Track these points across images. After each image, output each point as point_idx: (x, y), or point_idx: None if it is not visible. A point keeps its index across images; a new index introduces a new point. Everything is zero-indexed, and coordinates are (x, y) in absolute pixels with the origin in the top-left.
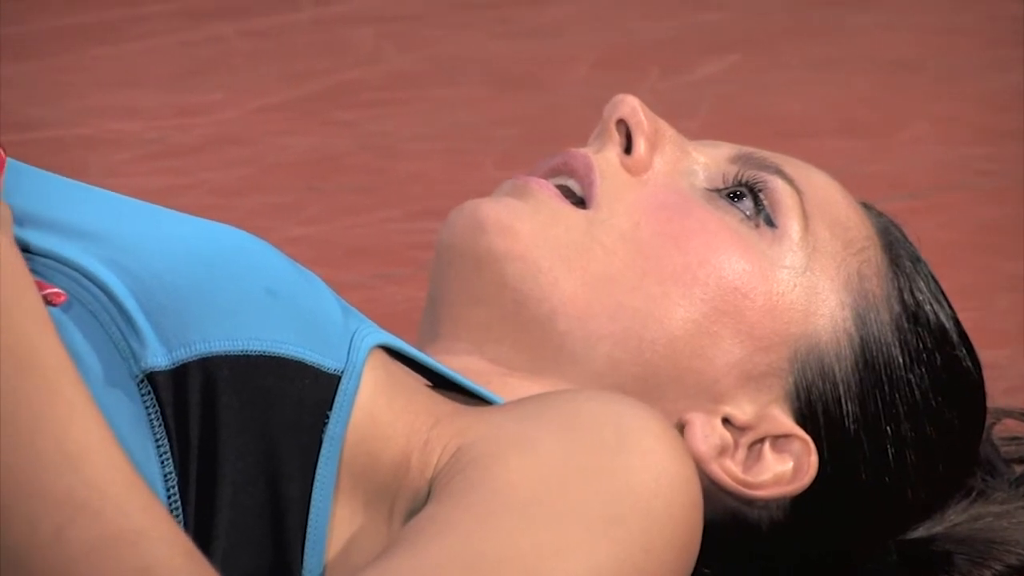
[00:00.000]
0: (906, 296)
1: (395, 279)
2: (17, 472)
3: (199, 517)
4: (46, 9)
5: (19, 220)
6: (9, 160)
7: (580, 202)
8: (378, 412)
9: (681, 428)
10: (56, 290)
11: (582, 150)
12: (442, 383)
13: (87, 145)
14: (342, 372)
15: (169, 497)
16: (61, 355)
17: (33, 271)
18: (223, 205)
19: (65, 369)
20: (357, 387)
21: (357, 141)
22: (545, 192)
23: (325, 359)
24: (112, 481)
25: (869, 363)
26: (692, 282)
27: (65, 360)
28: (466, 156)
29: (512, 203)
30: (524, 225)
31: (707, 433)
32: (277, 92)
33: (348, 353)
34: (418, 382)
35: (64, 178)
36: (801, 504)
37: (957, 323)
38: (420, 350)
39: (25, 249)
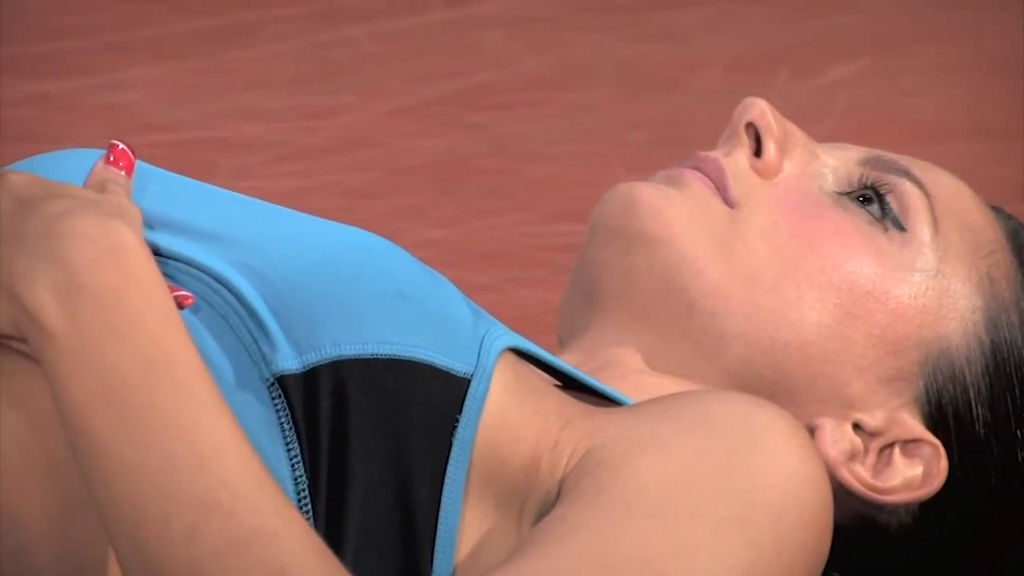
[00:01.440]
0: None
1: (527, 282)
2: (150, 473)
3: (329, 520)
4: (180, 12)
5: (149, 223)
6: (139, 163)
7: None
8: (508, 414)
9: (810, 432)
10: (185, 293)
11: (712, 153)
12: (571, 383)
13: (218, 147)
14: (472, 375)
15: (299, 500)
16: (193, 357)
17: (163, 274)
18: (353, 208)
19: (197, 371)
20: (487, 390)
21: (488, 144)
22: (699, 184)
23: (455, 362)
24: (244, 482)
25: (1000, 366)
26: (826, 286)
27: (197, 362)
28: (597, 159)
29: (666, 189)
30: (675, 212)
31: (837, 438)
32: (407, 95)
33: (478, 356)
34: (548, 384)
35: (193, 180)
36: (930, 508)
37: None
38: (559, 341)
39: (155, 251)
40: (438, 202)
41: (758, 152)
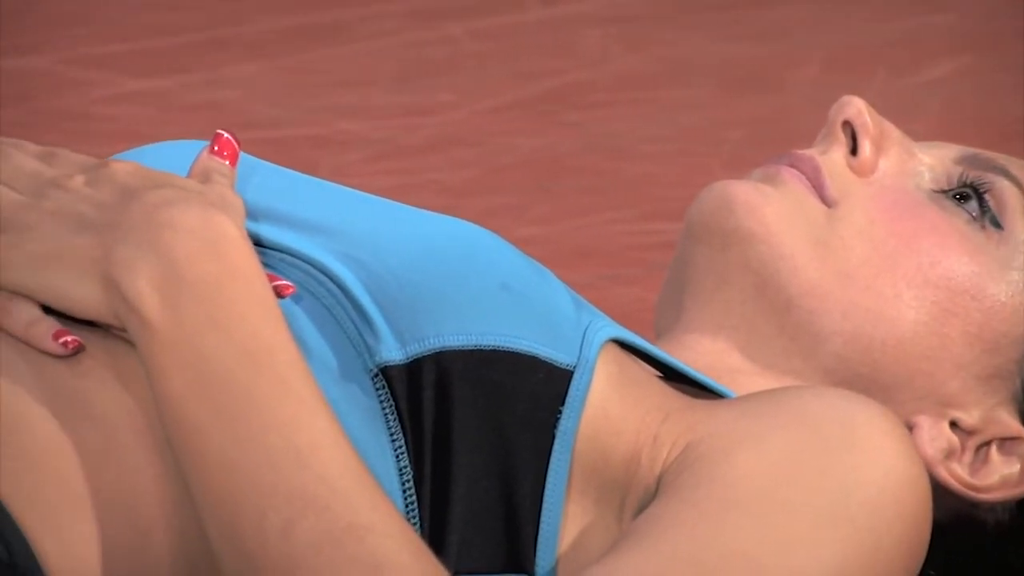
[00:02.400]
0: None
1: (623, 280)
2: (247, 467)
3: (434, 511)
4: (279, 9)
5: (252, 214)
6: (242, 154)
7: None
8: (610, 407)
9: (908, 430)
10: (286, 282)
11: (808, 151)
12: (673, 375)
13: (317, 145)
14: (575, 367)
15: (404, 492)
16: (292, 351)
17: (265, 265)
18: (451, 205)
19: (296, 365)
20: (590, 382)
21: (585, 142)
22: (795, 182)
23: (558, 354)
24: (341, 477)
25: None
26: (923, 284)
27: (296, 356)
28: (694, 158)
29: (762, 187)
30: (771, 209)
31: (934, 436)
32: (505, 93)
33: (581, 348)
34: (650, 375)
35: (297, 172)
36: None
37: None
38: (656, 337)
39: (257, 243)
40: (535, 200)
41: (854, 150)
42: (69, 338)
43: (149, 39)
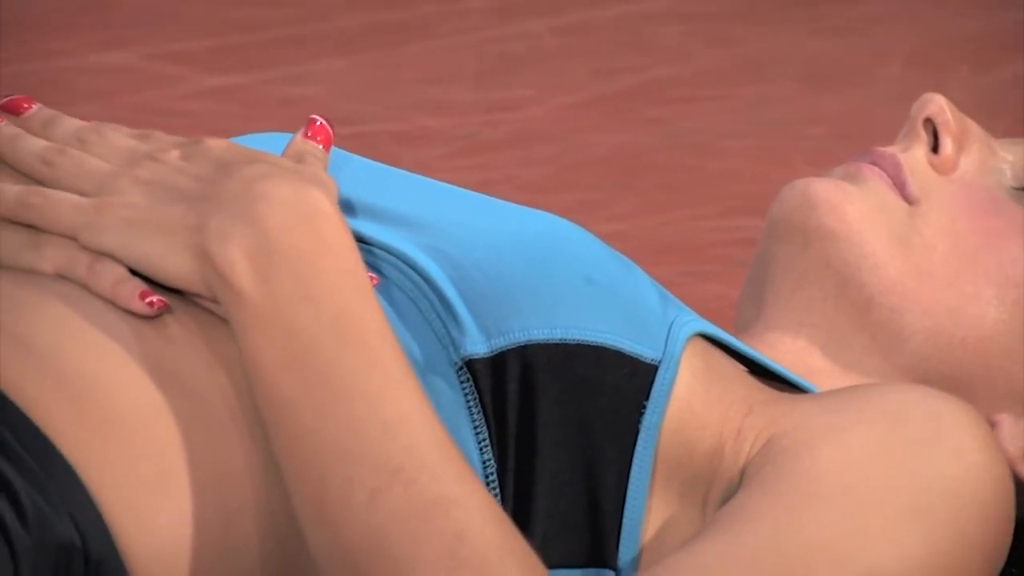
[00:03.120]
0: None
1: (705, 276)
2: (335, 437)
3: (516, 505)
4: (361, 5)
5: (344, 206)
6: (333, 148)
7: None
8: (694, 401)
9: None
10: (370, 274)
11: (889, 149)
12: (756, 370)
13: (400, 140)
14: (659, 361)
15: (488, 484)
16: (382, 324)
17: None
18: (531, 201)
19: (385, 339)
20: (674, 377)
21: (666, 138)
22: (876, 179)
23: (643, 348)
24: (428, 449)
25: None
26: (1005, 282)
27: (386, 330)
28: (776, 154)
29: (844, 185)
30: (853, 207)
31: (1014, 435)
32: (586, 89)
33: (666, 342)
34: (735, 369)
35: (386, 166)
36: None
37: None
38: (737, 333)
39: None
40: (616, 196)
41: (936, 148)
42: (155, 298)
43: (231, 35)
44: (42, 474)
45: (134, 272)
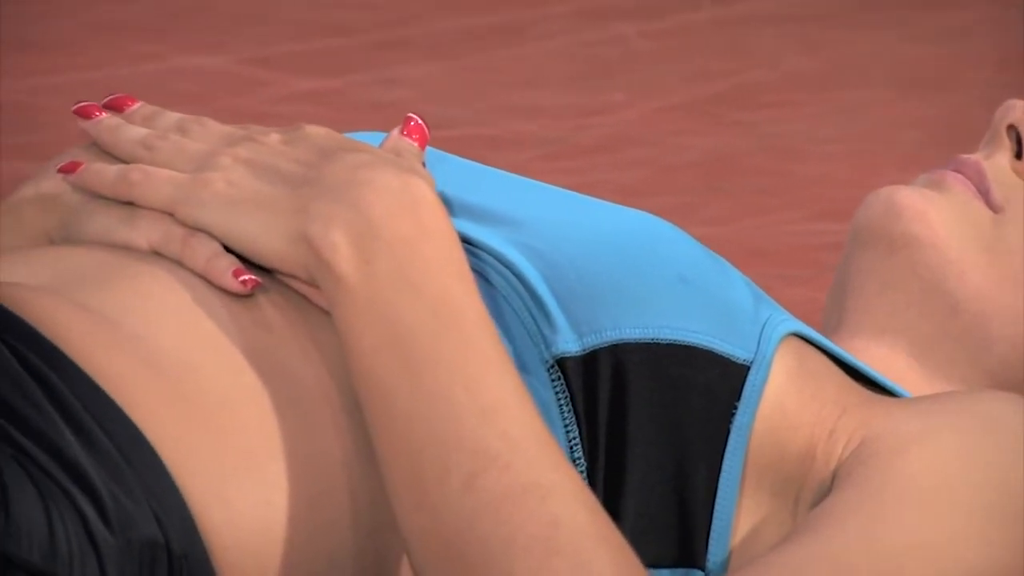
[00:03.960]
0: None
1: (796, 280)
2: (432, 421)
3: (606, 503)
4: (452, 9)
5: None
6: (428, 147)
7: None
8: (786, 402)
9: None
10: None
11: (973, 156)
12: (847, 372)
13: (491, 145)
14: (751, 362)
15: None
16: (482, 312)
17: None
18: (625, 205)
19: (485, 326)
20: (766, 378)
21: (758, 142)
22: (960, 187)
23: (735, 348)
24: (524, 436)
25: None
26: None
27: (485, 317)
28: (868, 158)
29: (928, 192)
30: (938, 215)
31: None
32: (677, 92)
33: (758, 342)
34: (828, 369)
35: (480, 164)
36: None
37: None
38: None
39: None
40: (707, 200)
41: (1019, 154)
42: (248, 276)
43: (324, 39)
44: (125, 463)
45: (229, 251)
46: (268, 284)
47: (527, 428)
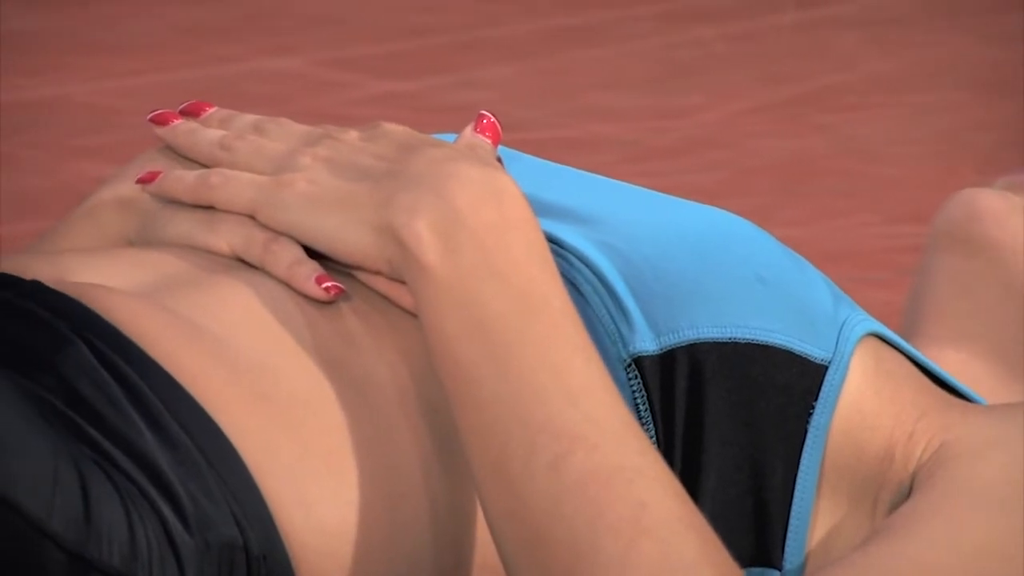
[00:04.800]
0: None
1: (873, 283)
2: (519, 403)
3: None
4: (531, 11)
5: None
6: (502, 147)
7: None
8: (864, 403)
9: None
10: None
11: None
12: (925, 375)
13: (568, 147)
14: (829, 362)
15: None
16: (566, 300)
17: None
18: None
19: (570, 313)
20: (844, 378)
21: (836, 145)
22: None
23: (813, 348)
24: (610, 420)
25: None
26: None
27: (569, 305)
28: (946, 161)
29: (1009, 196)
30: (1019, 219)
31: None
32: (756, 95)
33: (837, 342)
34: (907, 371)
35: (555, 163)
36: None
37: None
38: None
39: None
40: (785, 202)
41: None
42: (331, 283)
43: (402, 41)
44: (204, 463)
45: (311, 254)
46: (349, 287)
47: (613, 412)
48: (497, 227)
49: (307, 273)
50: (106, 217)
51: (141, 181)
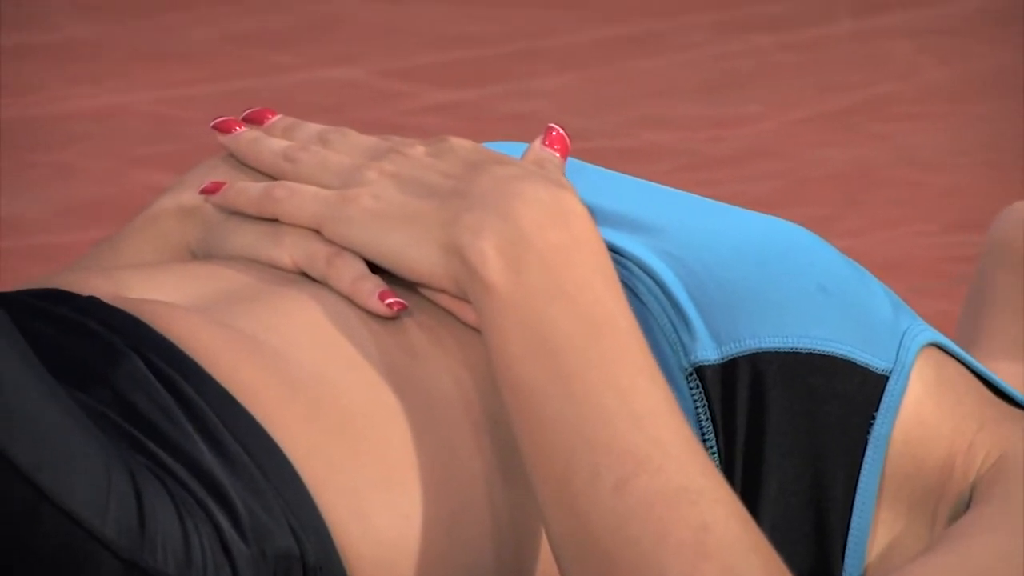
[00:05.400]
0: None
1: (930, 292)
2: (583, 426)
3: None
4: (587, 21)
5: None
6: (569, 159)
7: None
8: (925, 413)
9: None
10: None
11: None
12: (985, 386)
13: (625, 156)
14: (890, 372)
15: None
16: (632, 321)
17: None
18: None
19: (635, 334)
20: (904, 388)
21: (892, 154)
22: None
23: (874, 358)
24: (674, 441)
25: None
26: None
27: (635, 325)
28: (1002, 171)
29: None
30: None
31: None
32: (813, 104)
33: (897, 352)
34: (967, 381)
35: (618, 173)
36: None
37: None
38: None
39: None
40: (843, 212)
41: None
42: (394, 299)
43: (459, 50)
44: (261, 476)
45: (374, 268)
46: (413, 301)
47: (677, 434)
48: (563, 247)
49: (370, 289)
50: (168, 225)
51: (205, 192)
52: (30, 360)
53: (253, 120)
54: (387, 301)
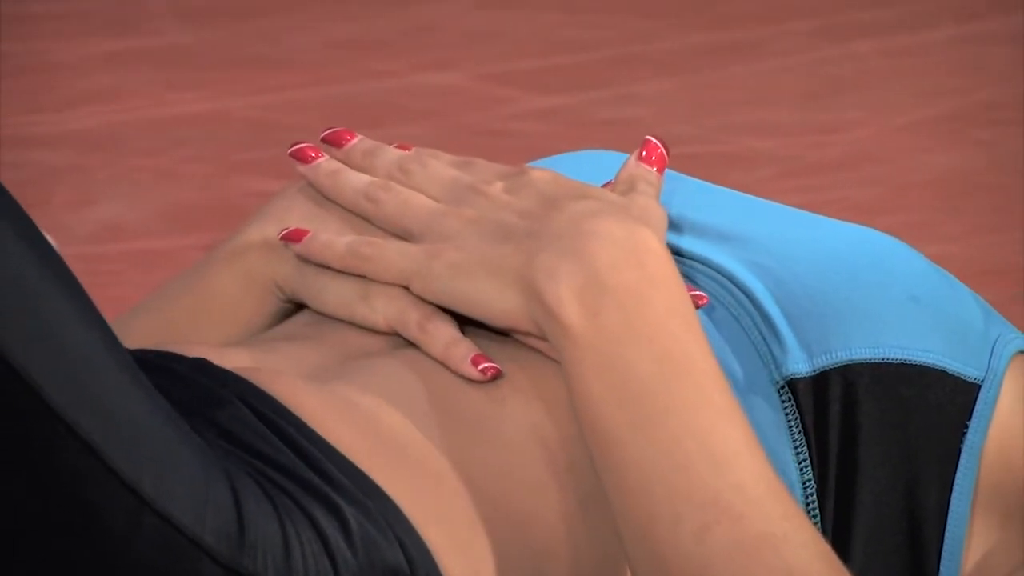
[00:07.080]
0: None
1: None
2: (663, 472)
3: (837, 525)
4: (687, 27)
5: (673, 225)
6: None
7: None
8: (1017, 422)
9: None
10: (699, 293)
11: None
12: None
13: (726, 162)
14: (982, 380)
15: (808, 504)
16: (710, 360)
17: (682, 275)
18: (859, 223)
19: (714, 375)
20: (997, 396)
21: (993, 160)
22: None
23: (966, 367)
24: (756, 486)
25: None
26: None
27: (714, 365)
28: None
29: None
30: None
31: None
32: (914, 110)
33: (989, 361)
34: None
35: (714, 185)
36: None
37: None
38: None
39: (676, 253)
40: (943, 218)
41: None
42: (488, 365)
43: (559, 56)
44: (370, 503)
45: (465, 320)
46: (499, 344)
47: (759, 478)
48: (638, 287)
49: (463, 355)
50: (253, 261)
51: (286, 239)
52: (126, 362)
53: (331, 142)
54: (480, 367)
